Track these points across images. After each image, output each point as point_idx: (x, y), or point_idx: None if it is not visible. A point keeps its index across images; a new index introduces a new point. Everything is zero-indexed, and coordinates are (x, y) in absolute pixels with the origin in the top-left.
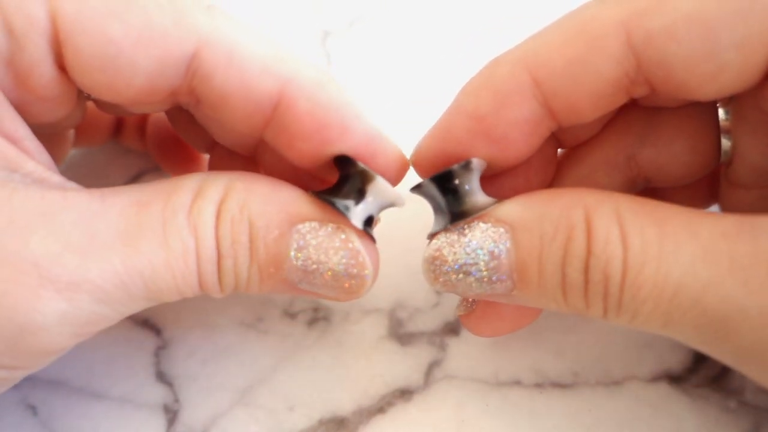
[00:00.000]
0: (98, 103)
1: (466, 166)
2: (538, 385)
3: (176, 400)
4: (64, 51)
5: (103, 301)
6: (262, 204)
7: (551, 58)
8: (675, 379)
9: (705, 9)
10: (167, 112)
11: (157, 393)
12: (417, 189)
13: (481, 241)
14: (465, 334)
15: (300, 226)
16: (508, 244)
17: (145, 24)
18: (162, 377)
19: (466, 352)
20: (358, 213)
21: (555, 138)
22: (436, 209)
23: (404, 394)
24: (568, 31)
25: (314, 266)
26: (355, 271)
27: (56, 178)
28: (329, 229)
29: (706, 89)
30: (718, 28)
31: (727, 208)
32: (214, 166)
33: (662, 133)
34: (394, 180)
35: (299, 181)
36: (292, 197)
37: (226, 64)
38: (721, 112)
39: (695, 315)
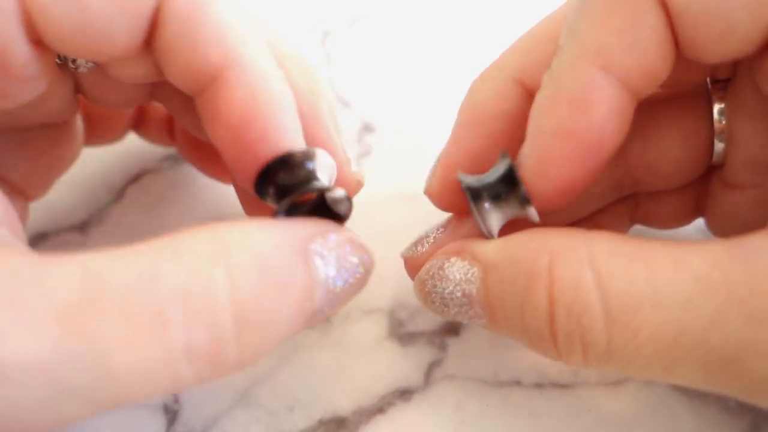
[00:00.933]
0: (91, 98)
1: (524, 197)
2: (538, 385)
3: (176, 400)
4: (41, 27)
5: (28, 400)
6: (272, 242)
7: (604, 38)
8: None
9: None
10: (165, 102)
11: None
12: (503, 155)
13: (456, 278)
14: (465, 334)
15: (312, 247)
16: (477, 284)
17: None
18: None
19: (466, 352)
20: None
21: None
22: (489, 177)
23: (404, 394)
24: (602, 6)
25: (342, 277)
26: (368, 260)
27: (1, 231)
28: (333, 237)
29: (712, 49)
30: None
31: (719, 215)
32: None
33: (654, 127)
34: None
35: None
36: (282, 225)
37: (184, 18)
38: (716, 111)
39: (701, 354)
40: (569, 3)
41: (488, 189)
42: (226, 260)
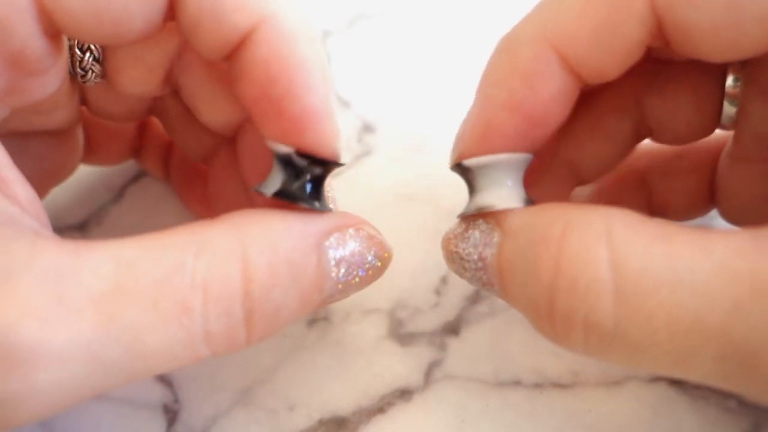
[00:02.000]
0: (94, 109)
1: (491, 163)
2: (538, 385)
3: (176, 400)
4: (55, 16)
5: (69, 377)
6: (289, 238)
7: (574, 29)
8: (675, 379)
9: None
10: (162, 117)
11: (157, 393)
12: (456, 167)
13: (476, 240)
14: (465, 334)
15: (327, 243)
16: (494, 249)
17: None
18: (162, 377)
19: (466, 352)
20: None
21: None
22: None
23: (404, 394)
24: None
25: (353, 272)
26: (385, 255)
27: (29, 221)
28: (351, 232)
29: (719, 55)
30: (743, 1)
31: (728, 189)
32: (214, 180)
33: (669, 86)
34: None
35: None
36: (301, 218)
37: None
38: (730, 79)
39: (719, 345)
40: None
41: (474, 194)
42: (243, 256)
